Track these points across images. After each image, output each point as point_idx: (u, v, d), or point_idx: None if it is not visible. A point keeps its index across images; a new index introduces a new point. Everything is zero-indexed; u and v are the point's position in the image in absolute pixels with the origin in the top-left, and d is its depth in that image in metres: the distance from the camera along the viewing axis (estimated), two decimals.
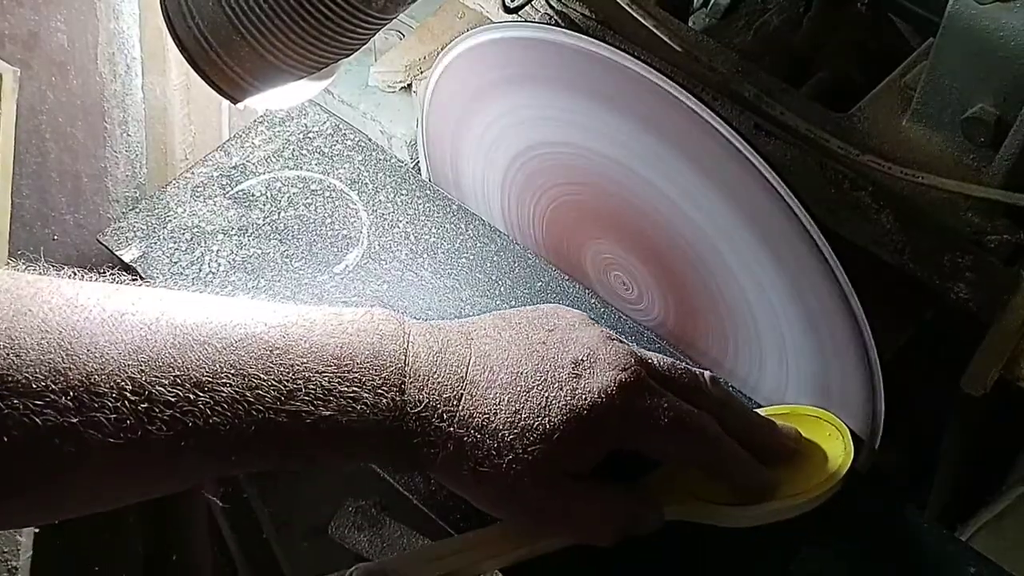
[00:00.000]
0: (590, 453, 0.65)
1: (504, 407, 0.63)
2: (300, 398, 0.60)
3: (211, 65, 0.69)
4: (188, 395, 0.57)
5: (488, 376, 0.64)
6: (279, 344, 0.61)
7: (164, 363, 0.57)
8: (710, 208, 0.76)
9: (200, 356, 0.58)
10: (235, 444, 0.59)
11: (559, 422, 0.63)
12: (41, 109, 0.94)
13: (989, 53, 0.70)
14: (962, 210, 0.74)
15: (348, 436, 0.62)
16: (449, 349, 0.65)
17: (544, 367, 0.65)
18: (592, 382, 0.64)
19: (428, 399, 0.63)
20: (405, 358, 0.63)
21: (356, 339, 0.63)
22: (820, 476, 0.72)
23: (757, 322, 0.79)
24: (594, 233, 0.85)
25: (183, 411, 0.57)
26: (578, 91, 0.77)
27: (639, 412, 0.65)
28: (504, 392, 0.64)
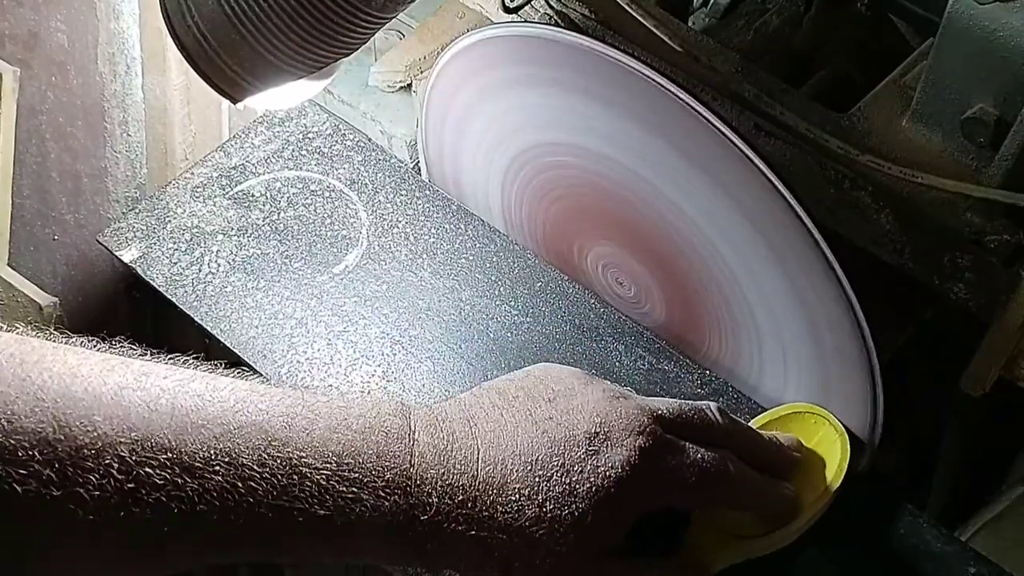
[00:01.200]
0: (622, 526, 0.64)
1: (527, 503, 0.61)
2: (294, 494, 0.58)
3: (211, 65, 0.69)
4: (176, 479, 0.55)
5: (502, 471, 0.62)
6: (279, 435, 0.58)
7: (156, 444, 0.55)
8: (710, 208, 0.75)
9: (195, 440, 0.56)
10: (222, 535, 0.57)
11: (587, 507, 0.61)
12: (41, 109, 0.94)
13: (989, 53, 0.70)
14: (962, 210, 0.74)
15: (345, 538, 0.59)
16: (455, 444, 0.62)
17: (558, 450, 0.62)
18: (612, 456, 0.62)
19: (439, 503, 0.61)
20: (411, 459, 0.61)
21: (360, 437, 0.60)
22: (824, 480, 0.72)
23: (757, 322, 0.79)
24: (594, 233, 0.85)
25: (169, 495, 0.55)
26: (578, 91, 0.77)
27: (664, 474, 0.64)
28: (524, 486, 0.61)
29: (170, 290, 0.84)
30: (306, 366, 0.80)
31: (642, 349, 0.82)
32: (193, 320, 0.83)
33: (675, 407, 0.67)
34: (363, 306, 0.84)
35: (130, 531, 0.55)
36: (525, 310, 0.84)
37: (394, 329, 0.83)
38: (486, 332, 0.83)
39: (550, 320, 0.83)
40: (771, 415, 0.77)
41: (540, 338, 0.83)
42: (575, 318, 0.84)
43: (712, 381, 0.81)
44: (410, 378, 0.81)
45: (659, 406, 0.67)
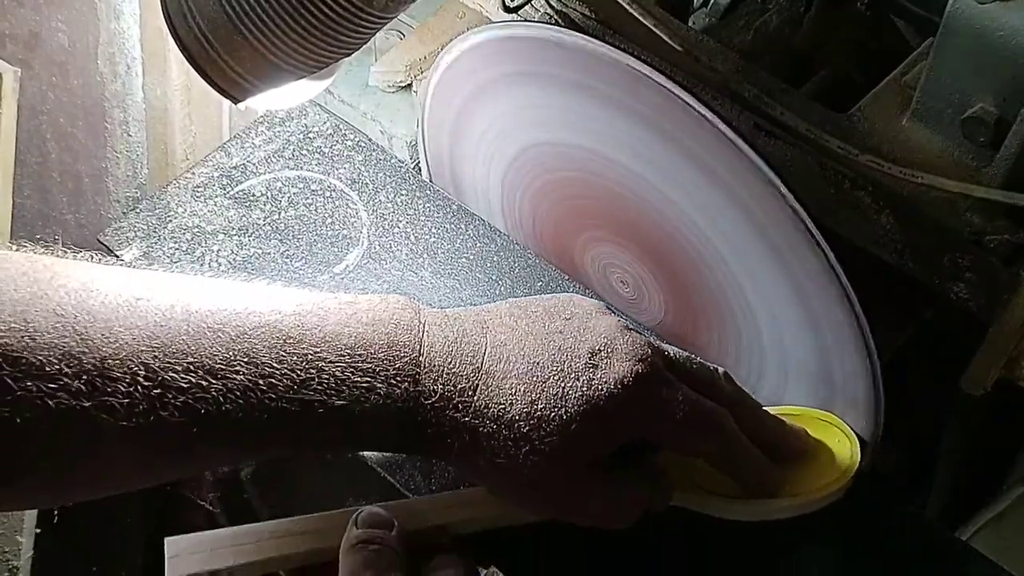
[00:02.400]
0: (606, 443, 0.65)
1: (520, 397, 0.63)
2: (312, 387, 0.60)
3: (212, 65, 0.69)
4: (201, 382, 0.57)
5: (504, 366, 0.64)
6: (292, 333, 0.61)
7: (178, 349, 0.57)
8: (710, 208, 0.76)
9: (213, 343, 0.58)
10: (247, 432, 0.59)
11: (575, 413, 0.63)
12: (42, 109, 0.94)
13: (989, 53, 0.70)
14: (962, 210, 0.74)
15: (360, 425, 0.62)
16: (465, 339, 0.65)
17: (561, 357, 0.64)
18: (609, 372, 0.64)
19: (443, 389, 0.63)
20: (420, 347, 0.63)
21: (371, 329, 0.63)
22: (826, 477, 0.72)
23: (757, 322, 0.79)
24: (594, 233, 0.85)
25: (196, 397, 0.57)
26: (578, 91, 0.77)
27: (655, 403, 0.65)
28: (520, 382, 0.63)
29: None
30: None
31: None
32: None
33: (684, 355, 0.69)
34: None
35: (161, 434, 0.57)
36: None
37: None
38: None
39: None
40: (796, 410, 0.76)
41: None
42: None
43: None
44: None
45: (667, 347, 0.68)
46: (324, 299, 0.64)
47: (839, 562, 0.73)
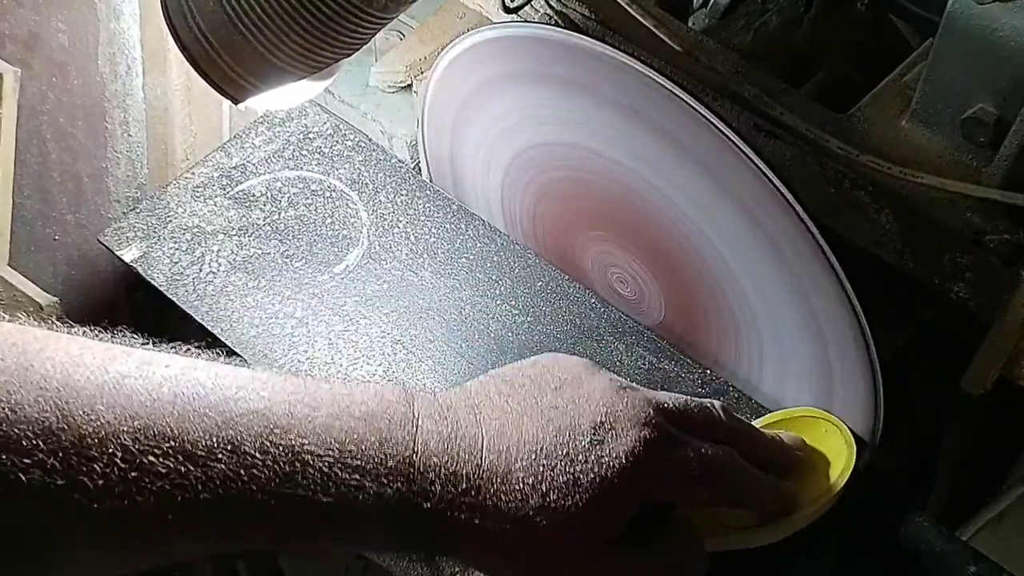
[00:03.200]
0: (621, 517, 0.63)
1: (531, 492, 0.61)
2: (296, 482, 0.57)
3: (212, 65, 0.69)
4: (179, 467, 0.55)
5: (507, 460, 0.61)
6: (280, 423, 0.58)
7: (159, 433, 0.55)
8: (710, 208, 0.76)
9: (197, 429, 0.56)
10: (225, 523, 0.57)
11: (590, 498, 0.61)
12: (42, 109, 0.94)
13: (989, 53, 0.70)
14: (962, 210, 0.74)
15: (349, 523, 0.59)
16: (460, 432, 0.62)
17: (563, 439, 0.62)
18: (616, 446, 0.62)
19: (443, 490, 0.60)
20: (414, 445, 0.60)
21: (362, 424, 0.60)
22: (827, 480, 0.72)
23: (757, 322, 0.79)
24: (594, 232, 0.85)
25: (173, 484, 0.54)
26: (578, 91, 0.77)
27: (667, 467, 0.63)
28: (527, 475, 0.61)
29: (171, 290, 0.84)
30: (307, 366, 0.80)
31: (643, 348, 0.82)
32: (194, 320, 0.83)
33: (680, 401, 0.67)
34: (364, 306, 0.84)
35: (133, 520, 0.54)
36: (525, 310, 0.84)
37: (395, 328, 0.83)
38: (487, 331, 0.83)
39: (550, 320, 0.83)
40: (779, 416, 0.77)
41: (540, 337, 0.83)
42: (575, 317, 0.84)
43: (713, 381, 0.81)
44: (411, 377, 0.81)
45: (664, 399, 0.66)
46: (317, 389, 0.61)
47: (839, 562, 0.73)
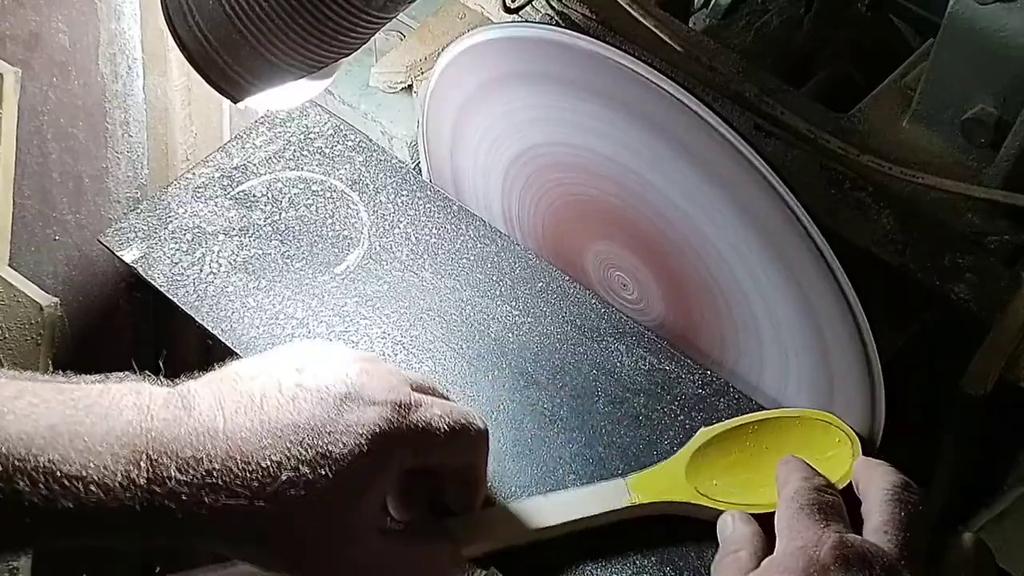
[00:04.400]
0: (379, 484, 0.64)
1: (278, 469, 0.60)
2: (42, 494, 0.57)
3: (212, 65, 0.69)
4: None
5: (253, 441, 0.61)
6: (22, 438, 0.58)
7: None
8: (710, 208, 0.76)
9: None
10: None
11: (343, 467, 0.61)
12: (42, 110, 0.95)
13: (990, 54, 0.70)
14: (962, 211, 0.74)
15: (97, 526, 0.59)
16: (197, 417, 0.61)
17: (309, 415, 0.62)
18: (364, 414, 0.63)
19: (180, 476, 0.59)
20: (145, 435, 0.60)
21: (92, 420, 0.59)
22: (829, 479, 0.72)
23: (757, 322, 0.79)
24: (594, 233, 0.85)
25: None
26: (579, 91, 0.77)
27: (416, 426, 0.64)
28: (275, 452, 0.61)
29: (171, 290, 0.84)
30: None
31: (643, 349, 0.82)
32: (194, 320, 0.83)
33: (422, 376, 0.70)
34: (364, 306, 0.84)
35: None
36: (526, 310, 0.84)
37: (395, 329, 0.83)
38: (487, 332, 0.83)
39: (551, 320, 0.83)
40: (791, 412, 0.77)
41: (540, 338, 0.83)
42: (576, 318, 0.84)
43: (713, 381, 0.81)
44: None
45: (407, 373, 0.68)
46: (50, 398, 0.60)
47: None
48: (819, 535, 0.65)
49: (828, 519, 0.67)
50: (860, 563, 0.64)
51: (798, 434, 0.75)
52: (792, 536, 0.66)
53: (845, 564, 0.63)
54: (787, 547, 0.66)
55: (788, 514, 0.68)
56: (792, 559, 0.65)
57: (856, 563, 0.63)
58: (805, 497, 0.68)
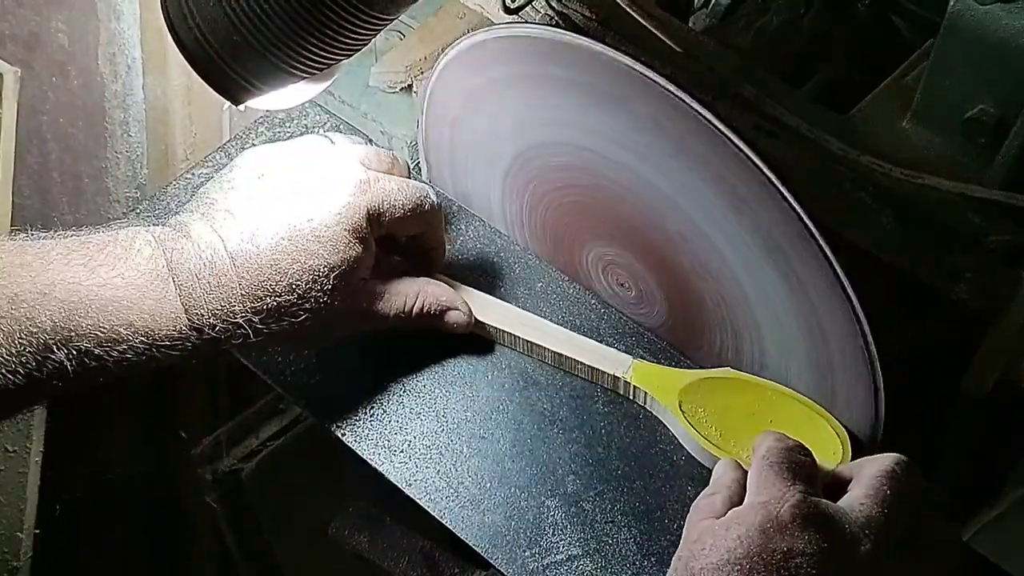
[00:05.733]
0: (365, 251, 0.75)
1: (282, 263, 0.72)
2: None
3: (212, 66, 0.69)
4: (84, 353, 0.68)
5: (254, 251, 0.72)
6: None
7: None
8: (709, 208, 0.76)
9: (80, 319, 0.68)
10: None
11: (336, 226, 0.73)
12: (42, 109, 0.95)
13: (990, 54, 0.70)
14: (962, 211, 0.74)
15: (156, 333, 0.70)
16: (204, 252, 0.71)
17: (294, 210, 0.73)
18: (340, 191, 0.74)
19: (221, 311, 0.71)
20: (179, 300, 0.71)
21: (134, 308, 0.70)
22: None
23: (757, 322, 0.79)
24: (594, 233, 0.85)
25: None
26: (578, 92, 0.77)
27: (378, 197, 0.75)
28: (274, 253, 0.72)
29: None
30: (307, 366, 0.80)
31: (643, 349, 0.82)
32: None
33: (375, 150, 0.81)
34: None
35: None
36: (526, 310, 0.84)
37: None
38: None
39: (550, 320, 0.83)
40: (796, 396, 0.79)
41: None
42: (575, 318, 0.84)
43: None
44: (410, 378, 0.81)
45: (359, 149, 0.80)
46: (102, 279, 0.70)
47: None
48: (783, 492, 0.66)
49: (796, 478, 0.67)
50: (819, 525, 0.64)
51: (803, 427, 0.76)
52: (757, 491, 0.67)
53: (803, 523, 0.64)
54: (751, 500, 0.67)
55: (756, 470, 0.69)
56: (752, 513, 0.65)
57: (814, 524, 0.64)
58: (776, 456, 0.69)
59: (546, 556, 0.73)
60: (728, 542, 0.64)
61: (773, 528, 0.64)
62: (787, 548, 0.63)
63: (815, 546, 0.63)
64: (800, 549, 0.63)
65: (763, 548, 0.63)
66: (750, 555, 0.63)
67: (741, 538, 0.64)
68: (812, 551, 0.63)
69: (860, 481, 0.68)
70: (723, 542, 0.64)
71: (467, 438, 0.78)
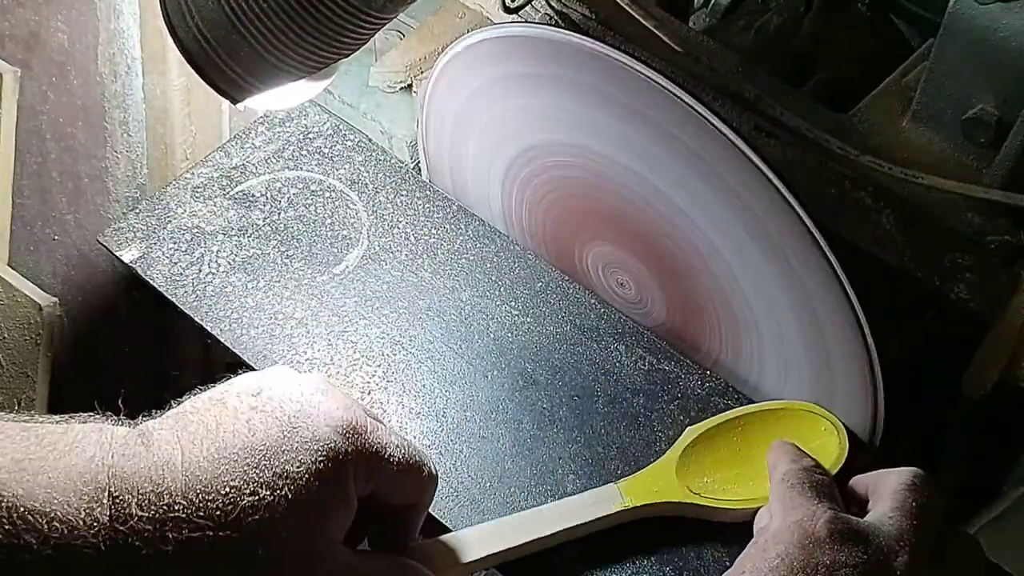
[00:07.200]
0: (341, 500, 0.62)
1: (239, 494, 0.59)
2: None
3: (211, 65, 0.69)
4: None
5: (211, 469, 0.60)
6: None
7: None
8: (710, 208, 0.76)
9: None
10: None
11: (302, 484, 0.60)
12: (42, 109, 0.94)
13: (990, 53, 0.70)
14: (962, 211, 0.74)
15: (62, 562, 0.57)
16: (156, 452, 0.60)
17: (263, 436, 0.61)
18: (319, 430, 0.62)
19: (144, 513, 0.58)
20: (107, 472, 0.59)
21: (54, 456, 0.59)
22: None
23: (757, 322, 0.79)
24: (594, 233, 0.85)
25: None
26: (578, 91, 0.77)
27: (372, 443, 0.63)
28: (233, 478, 0.60)
29: (170, 290, 0.84)
30: (306, 367, 0.80)
31: (643, 349, 0.82)
32: (193, 320, 0.83)
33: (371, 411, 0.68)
34: (363, 306, 0.84)
35: None
36: (525, 310, 0.84)
37: (394, 329, 0.83)
38: (486, 332, 0.83)
39: (550, 320, 0.83)
40: (777, 405, 0.78)
41: (540, 338, 0.83)
42: (575, 318, 0.84)
43: (713, 381, 0.81)
44: (410, 378, 0.81)
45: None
46: (11, 428, 0.59)
47: None
48: (813, 510, 0.66)
49: (820, 496, 0.67)
50: (855, 539, 0.64)
51: (785, 426, 0.76)
52: (786, 512, 0.67)
53: (840, 538, 0.64)
54: (783, 522, 0.67)
55: (780, 493, 0.69)
56: (788, 532, 0.65)
57: (851, 538, 0.64)
58: (796, 477, 0.69)
59: (545, 555, 0.73)
60: (768, 562, 0.64)
61: (812, 544, 0.64)
62: (829, 561, 0.63)
63: (856, 558, 0.63)
64: (843, 561, 0.63)
65: (806, 563, 0.63)
66: (793, 571, 0.63)
67: (782, 556, 0.64)
68: (855, 563, 0.63)
69: (883, 496, 0.68)
70: (763, 563, 0.64)
71: (467, 438, 0.78)
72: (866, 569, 0.63)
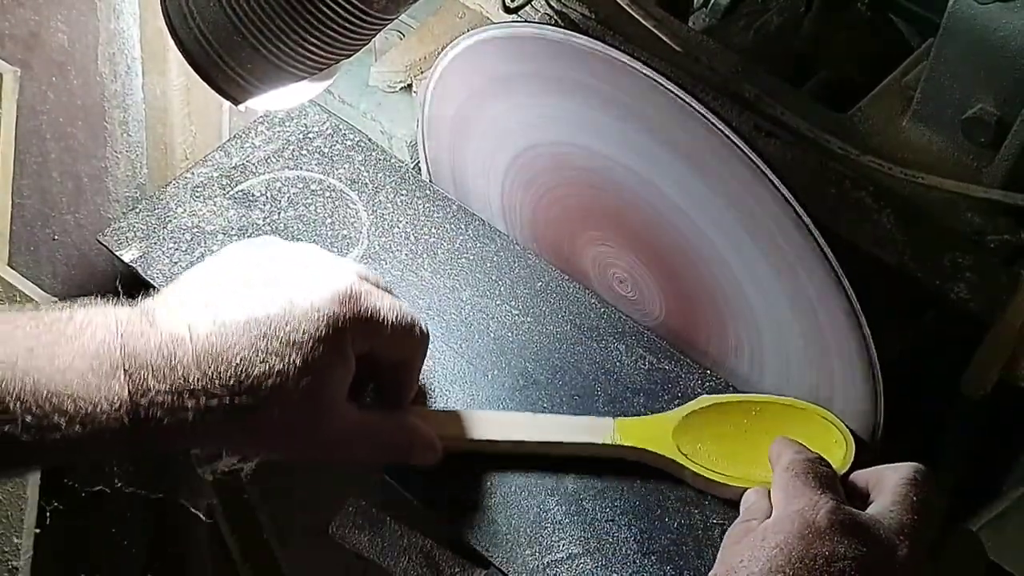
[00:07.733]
0: (344, 362, 0.67)
1: (251, 361, 0.64)
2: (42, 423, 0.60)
3: (212, 66, 0.69)
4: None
5: (221, 340, 0.64)
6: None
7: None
8: (709, 208, 0.76)
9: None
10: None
11: (308, 350, 0.65)
12: (41, 109, 0.94)
13: (989, 53, 0.70)
14: (962, 210, 0.74)
15: (92, 443, 0.61)
16: (165, 329, 0.64)
17: (270, 304, 0.65)
18: (322, 295, 0.66)
19: (159, 384, 0.62)
20: (122, 352, 0.63)
21: (80, 360, 0.62)
22: None
23: (757, 322, 0.79)
24: (594, 233, 0.85)
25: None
26: (578, 91, 0.77)
27: (371, 309, 0.68)
28: (244, 347, 0.64)
29: None
30: None
31: (643, 349, 0.82)
32: None
33: (367, 269, 0.73)
34: None
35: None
36: (525, 310, 0.84)
37: None
38: (486, 332, 0.83)
39: (550, 320, 0.83)
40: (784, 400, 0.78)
41: (540, 338, 0.83)
42: (575, 318, 0.84)
43: (713, 380, 0.81)
44: None
45: (355, 264, 0.73)
46: (19, 318, 0.63)
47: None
48: (815, 500, 0.66)
49: (823, 487, 0.67)
50: (856, 531, 0.64)
51: (796, 426, 0.76)
52: (788, 501, 0.67)
53: (841, 529, 0.64)
54: (784, 511, 0.67)
55: (783, 482, 0.69)
56: (788, 521, 0.65)
57: (852, 530, 0.64)
58: (800, 467, 0.69)
59: (546, 555, 0.73)
60: (767, 551, 0.63)
61: (812, 534, 0.63)
62: (828, 553, 0.63)
63: (856, 550, 0.63)
64: (842, 553, 0.63)
65: (804, 554, 0.63)
66: (792, 562, 0.62)
67: (780, 546, 0.63)
68: (854, 555, 0.63)
69: (884, 490, 0.68)
70: (761, 552, 0.64)
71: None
72: (866, 562, 0.63)
